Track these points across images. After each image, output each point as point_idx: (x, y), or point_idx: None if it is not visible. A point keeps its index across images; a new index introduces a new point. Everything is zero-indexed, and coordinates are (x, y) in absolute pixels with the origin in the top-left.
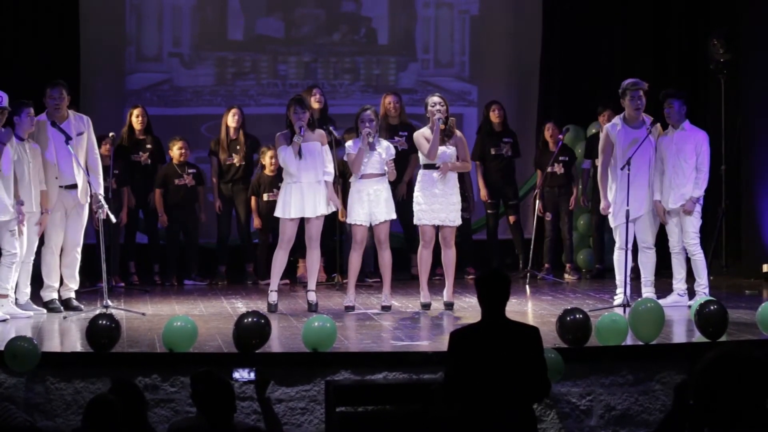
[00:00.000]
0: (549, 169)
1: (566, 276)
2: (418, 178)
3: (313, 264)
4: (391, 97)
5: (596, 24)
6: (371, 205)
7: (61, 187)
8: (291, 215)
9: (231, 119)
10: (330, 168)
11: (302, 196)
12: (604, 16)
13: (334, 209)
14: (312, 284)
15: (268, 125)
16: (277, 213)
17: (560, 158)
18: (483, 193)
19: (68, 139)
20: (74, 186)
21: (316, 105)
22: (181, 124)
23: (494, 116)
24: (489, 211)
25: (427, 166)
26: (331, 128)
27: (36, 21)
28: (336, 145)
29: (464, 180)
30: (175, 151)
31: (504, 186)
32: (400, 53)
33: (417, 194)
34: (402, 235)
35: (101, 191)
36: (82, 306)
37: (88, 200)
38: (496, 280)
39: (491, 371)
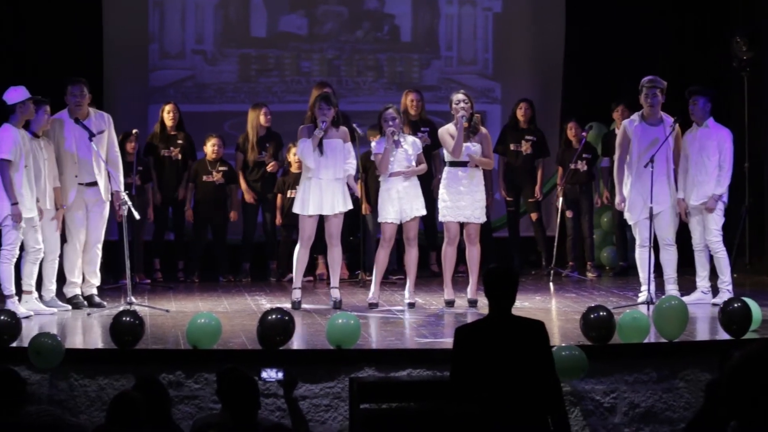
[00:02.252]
0: (572, 167)
1: (588, 274)
2: (444, 175)
3: (335, 261)
4: (413, 95)
5: (619, 21)
6: (401, 202)
7: (81, 184)
8: (309, 212)
9: (263, 118)
10: (352, 162)
11: (321, 193)
12: (628, 14)
13: (351, 207)
14: (335, 281)
15: (292, 122)
16: (296, 209)
17: (583, 156)
18: (501, 189)
19: (92, 135)
20: (94, 183)
21: None
22: (204, 120)
23: (520, 113)
24: (510, 209)
25: (453, 164)
26: (354, 125)
27: (59, 18)
28: (358, 142)
29: (485, 177)
30: (209, 147)
31: (524, 184)
32: (424, 50)
33: (442, 191)
34: (422, 231)
35: (122, 188)
36: (105, 302)
37: (110, 197)
38: (503, 275)
39: (497, 367)
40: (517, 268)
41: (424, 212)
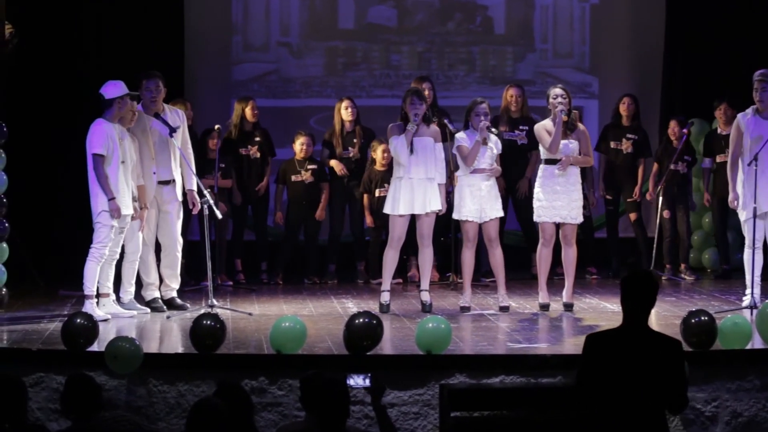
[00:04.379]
0: (672, 167)
1: (683, 276)
2: (539, 173)
3: (425, 263)
4: (514, 90)
5: (723, 13)
6: (482, 201)
7: (158, 182)
8: (400, 211)
9: (345, 113)
10: (443, 169)
11: (412, 192)
12: (731, 4)
13: (442, 207)
14: (425, 284)
15: (381, 118)
16: (386, 209)
17: (685, 157)
18: (600, 187)
19: (172, 131)
20: (170, 181)
21: None
22: (289, 116)
23: (623, 109)
24: (609, 208)
25: (549, 161)
26: (446, 121)
27: (139, 10)
28: (451, 139)
29: (585, 176)
30: (298, 145)
31: (624, 183)
32: (518, 43)
33: (537, 190)
34: (521, 233)
35: (195, 187)
36: (188, 305)
37: (195, 196)
38: (644, 282)
39: (626, 381)
40: (656, 274)
41: (502, 214)
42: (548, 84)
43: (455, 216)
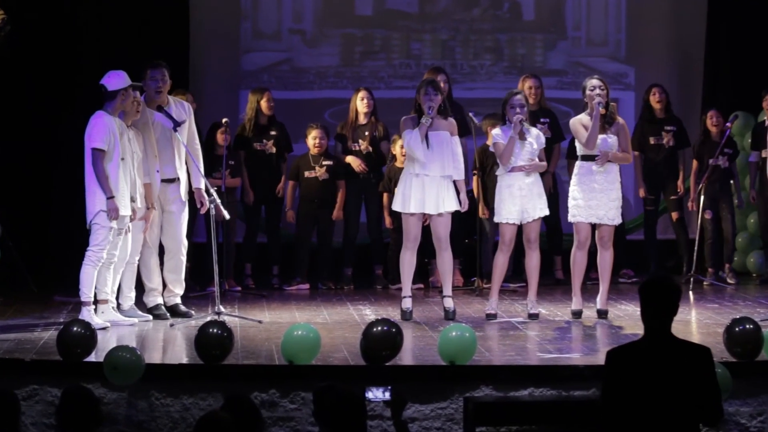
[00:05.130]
0: (711, 162)
1: (726, 279)
2: (575, 170)
3: (445, 267)
4: (532, 81)
5: None
6: (523, 200)
7: (162, 180)
8: (410, 209)
9: (360, 104)
10: (461, 164)
11: (423, 190)
12: None
13: (458, 208)
14: (448, 289)
15: (400, 111)
16: (396, 206)
17: (725, 150)
18: (641, 187)
19: (177, 125)
20: (175, 180)
21: None
22: (301, 109)
23: (654, 101)
24: (648, 208)
25: (586, 157)
26: (471, 114)
27: None
28: (475, 133)
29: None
30: (310, 140)
31: (666, 180)
32: (548, 30)
33: (573, 188)
34: (543, 233)
35: (202, 186)
36: (192, 311)
37: (187, 196)
38: (663, 288)
39: (654, 396)
40: (678, 281)
41: (547, 212)
42: (580, 74)
43: (496, 219)
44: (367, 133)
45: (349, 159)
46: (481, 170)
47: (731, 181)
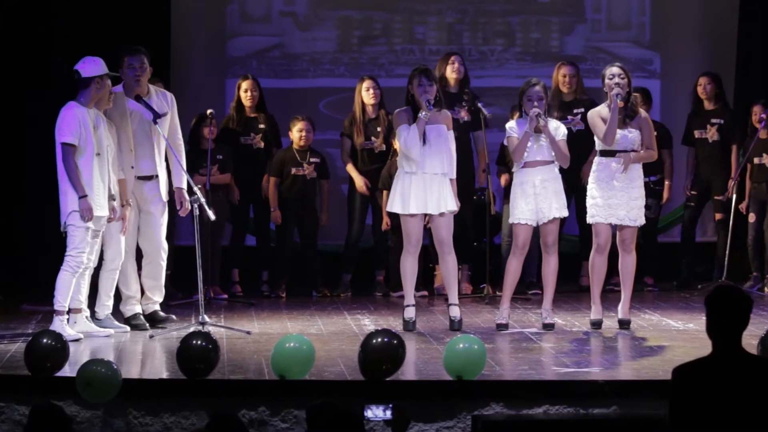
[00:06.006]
0: (756, 161)
1: (766, 288)
2: (593, 167)
3: (450, 273)
4: (567, 68)
5: None
6: (537, 199)
7: (137, 177)
8: (411, 210)
9: (366, 95)
10: (453, 163)
11: (424, 189)
12: None
13: (456, 208)
14: (454, 297)
15: (403, 101)
16: (395, 208)
17: None
18: (687, 183)
19: (157, 117)
20: (153, 177)
21: (453, 75)
22: (294, 99)
23: (701, 91)
24: (690, 203)
25: (605, 153)
26: (480, 105)
27: None
28: (485, 125)
29: (663, 166)
30: (295, 133)
31: (712, 177)
32: (565, 13)
33: (591, 186)
34: (573, 237)
35: (184, 185)
36: (173, 316)
37: (167, 196)
38: (732, 300)
39: (730, 417)
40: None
41: (565, 213)
42: (600, 61)
43: (510, 219)
44: (379, 129)
45: (353, 175)
46: (505, 166)
47: None
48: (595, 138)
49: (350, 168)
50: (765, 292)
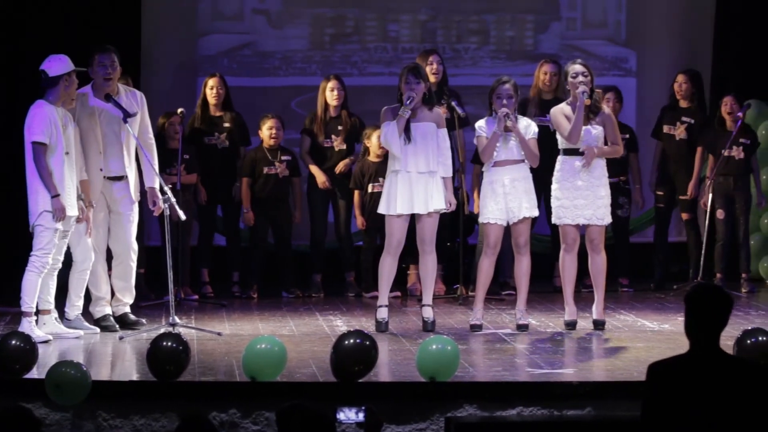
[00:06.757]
0: (725, 153)
1: (741, 289)
2: (557, 166)
3: (428, 273)
4: (549, 66)
5: None
6: (507, 198)
7: (106, 178)
8: (397, 211)
9: (329, 95)
10: (448, 160)
11: (410, 188)
12: None
13: (447, 208)
14: (428, 297)
15: (376, 99)
16: (381, 209)
17: (740, 140)
18: (652, 180)
19: (127, 116)
20: (122, 177)
21: (431, 76)
22: (265, 97)
23: (676, 88)
24: (659, 206)
25: (568, 152)
26: (454, 104)
27: None
28: (460, 125)
29: (630, 167)
30: (265, 131)
31: (677, 176)
32: (540, 11)
33: (555, 187)
34: (546, 237)
35: (156, 184)
36: (143, 320)
37: (139, 196)
38: (712, 298)
39: (705, 417)
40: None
41: (535, 213)
42: (575, 59)
43: (480, 219)
44: (340, 128)
45: (314, 170)
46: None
47: (750, 175)
48: (558, 136)
49: (311, 165)
50: (740, 291)
